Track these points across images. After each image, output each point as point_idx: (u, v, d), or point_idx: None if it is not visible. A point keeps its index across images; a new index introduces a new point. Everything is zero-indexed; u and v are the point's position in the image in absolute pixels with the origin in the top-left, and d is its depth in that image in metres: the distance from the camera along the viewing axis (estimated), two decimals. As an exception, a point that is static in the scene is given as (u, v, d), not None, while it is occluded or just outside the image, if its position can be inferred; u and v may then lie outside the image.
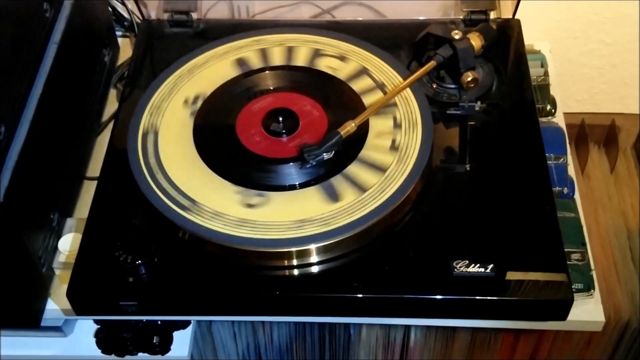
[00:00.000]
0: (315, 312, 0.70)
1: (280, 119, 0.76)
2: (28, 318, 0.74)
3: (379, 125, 0.75)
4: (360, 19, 0.91)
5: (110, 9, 0.97)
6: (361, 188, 0.70)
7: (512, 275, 0.66)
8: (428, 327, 0.88)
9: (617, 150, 1.03)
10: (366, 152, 0.73)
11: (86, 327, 0.83)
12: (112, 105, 0.93)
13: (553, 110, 0.88)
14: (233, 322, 0.89)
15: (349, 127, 0.73)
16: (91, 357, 0.82)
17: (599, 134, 1.07)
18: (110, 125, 0.86)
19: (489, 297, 0.65)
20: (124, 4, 0.97)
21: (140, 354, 0.82)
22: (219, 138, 0.76)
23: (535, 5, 0.98)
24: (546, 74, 0.90)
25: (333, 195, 0.70)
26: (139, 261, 0.67)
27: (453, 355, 0.92)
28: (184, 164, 0.73)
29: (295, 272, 0.68)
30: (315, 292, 0.67)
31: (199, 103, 0.79)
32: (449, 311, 0.67)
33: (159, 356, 0.82)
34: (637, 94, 1.09)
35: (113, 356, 0.81)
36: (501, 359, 0.93)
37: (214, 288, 0.68)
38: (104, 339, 0.81)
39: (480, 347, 0.90)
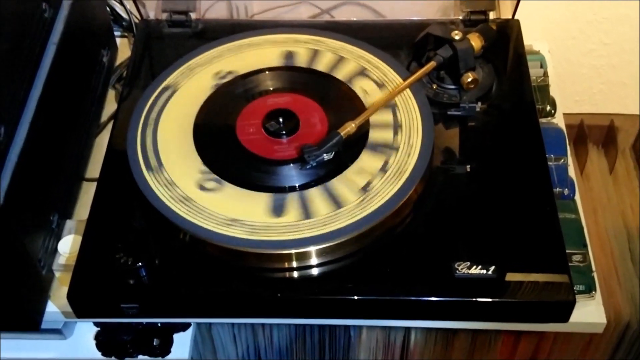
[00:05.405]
0: (316, 314, 0.70)
1: (281, 119, 0.76)
2: (28, 320, 0.73)
3: (379, 126, 0.75)
4: (359, 19, 0.91)
5: (108, 9, 0.97)
6: (362, 189, 0.70)
7: (514, 277, 0.66)
8: (428, 329, 0.87)
9: (616, 150, 1.03)
10: (367, 153, 0.73)
11: (86, 330, 0.82)
12: (110, 105, 0.93)
13: (553, 111, 0.88)
14: (233, 324, 0.89)
15: (349, 127, 0.73)
16: (91, 360, 0.82)
17: (597, 134, 1.07)
18: (109, 126, 0.86)
19: (491, 299, 0.65)
20: (122, 4, 0.97)
21: (140, 357, 0.81)
22: (219, 139, 0.76)
23: (534, 6, 0.98)
24: (546, 74, 0.90)
25: (333, 197, 0.69)
26: (140, 263, 0.66)
27: (453, 357, 0.92)
28: (185, 165, 0.73)
29: (296, 274, 0.68)
30: (316, 294, 0.67)
31: (199, 104, 0.79)
32: (451, 313, 0.67)
33: (159, 358, 0.81)
34: (636, 94, 1.09)
35: (113, 359, 0.81)
36: (501, 360, 0.93)
37: (215, 290, 0.68)
38: (104, 342, 0.81)
39: (481, 348, 0.90)
